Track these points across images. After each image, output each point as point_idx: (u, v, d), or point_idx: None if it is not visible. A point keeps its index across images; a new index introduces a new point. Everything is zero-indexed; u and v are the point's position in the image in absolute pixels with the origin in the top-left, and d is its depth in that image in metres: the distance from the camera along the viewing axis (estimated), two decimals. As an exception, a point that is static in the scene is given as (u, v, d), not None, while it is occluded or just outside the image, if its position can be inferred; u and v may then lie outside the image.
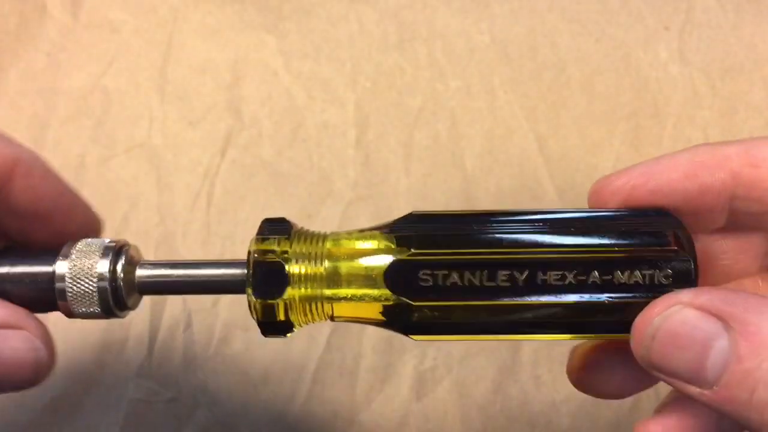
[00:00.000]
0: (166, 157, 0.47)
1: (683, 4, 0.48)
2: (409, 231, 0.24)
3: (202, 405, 0.43)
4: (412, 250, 0.23)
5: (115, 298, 0.25)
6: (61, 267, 0.25)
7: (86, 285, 0.25)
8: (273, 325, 0.25)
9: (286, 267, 0.24)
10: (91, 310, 0.26)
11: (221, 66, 0.48)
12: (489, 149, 0.46)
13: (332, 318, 0.25)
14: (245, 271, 0.24)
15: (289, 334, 0.25)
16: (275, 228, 0.25)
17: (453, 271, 0.23)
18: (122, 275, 0.25)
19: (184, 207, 0.45)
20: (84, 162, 0.46)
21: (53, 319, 0.44)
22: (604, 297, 0.23)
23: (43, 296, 0.26)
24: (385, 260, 0.24)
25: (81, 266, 0.25)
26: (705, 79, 0.47)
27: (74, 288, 0.25)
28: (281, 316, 0.24)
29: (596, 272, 0.23)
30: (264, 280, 0.24)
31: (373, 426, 0.43)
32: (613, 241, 0.23)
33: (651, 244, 0.23)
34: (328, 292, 0.24)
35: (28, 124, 0.47)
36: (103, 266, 0.25)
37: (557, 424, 0.43)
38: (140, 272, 0.26)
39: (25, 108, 0.48)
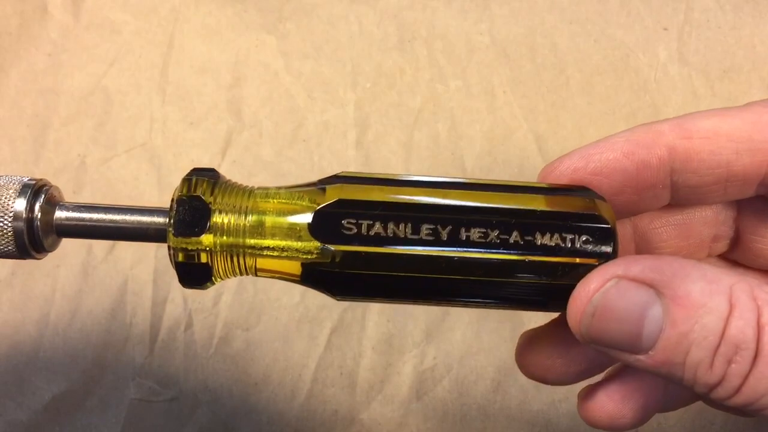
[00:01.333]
0: (166, 158, 0.47)
1: (682, 5, 0.49)
2: (337, 184, 0.24)
3: (202, 404, 0.43)
4: (337, 199, 0.23)
5: (30, 238, 0.24)
6: None
7: (1, 223, 0.24)
8: (191, 270, 0.24)
9: (211, 209, 0.24)
10: (6, 249, 0.24)
11: (222, 66, 0.48)
12: (489, 149, 0.47)
13: (256, 272, 0.24)
14: (167, 219, 0.24)
15: (208, 285, 0.25)
16: (203, 174, 0.25)
17: (377, 222, 0.23)
18: (39, 215, 0.24)
19: (185, 207, 0.46)
20: (85, 162, 0.46)
21: (53, 320, 0.44)
22: (525, 256, 0.23)
23: None
24: (310, 211, 0.24)
25: None
26: (704, 80, 0.47)
27: None
28: (202, 260, 0.24)
29: (517, 232, 0.23)
30: (185, 218, 0.23)
31: (373, 425, 0.43)
32: (535, 205, 0.24)
33: (572, 210, 0.24)
34: (250, 241, 0.24)
35: (29, 124, 0.47)
36: (19, 205, 0.24)
37: (557, 423, 0.43)
38: (59, 214, 0.25)
39: (26, 108, 0.48)
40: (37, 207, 0.24)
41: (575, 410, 0.43)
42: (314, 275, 0.24)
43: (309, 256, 0.23)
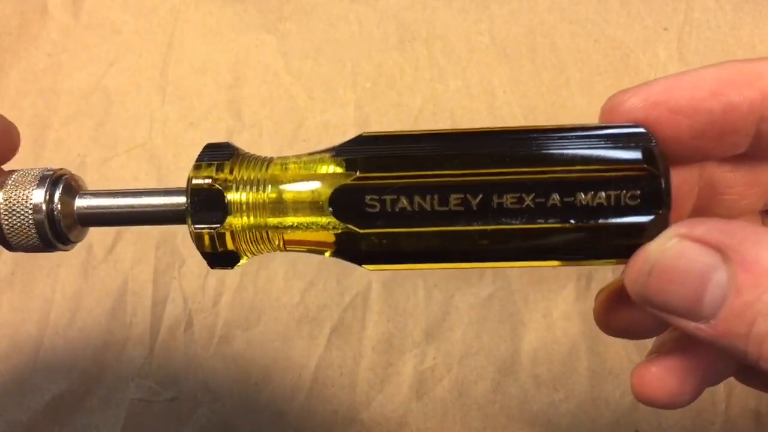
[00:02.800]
0: (166, 158, 0.47)
1: (682, 5, 0.49)
2: (357, 153, 0.22)
3: (202, 404, 0.43)
4: (357, 174, 0.22)
5: (53, 230, 0.24)
6: None
7: (21, 217, 0.24)
8: (218, 256, 0.23)
9: (226, 194, 0.23)
10: (30, 243, 0.24)
11: (222, 66, 0.48)
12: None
13: (284, 247, 0.23)
14: (185, 200, 0.23)
15: (237, 266, 0.24)
16: (216, 153, 0.23)
17: (402, 196, 0.21)
18: (59, 206, 0.24)
19: (185, 207, 0.46)
20: (85, 162, 0.46)
21: (53, 320, 0.44)
22: (566, 221, 0.21)
23: None
24: (331, 185, 0.22)
25: (16, 197, 0.24)
26: (704, 80, 0.47)
27: (10, 221, 0.24)
28: (227, 246, 0.23)
29: (556, 194, 0.21)
30: (202, 208, 0.23)
31: (373, 425, 0.43)
32: (575, 160, 0.21)
33: (616, 162, 0.21)
34: (273, 220, 0.23)
35: (29, 124, 0.47)
36: (38, 197, 0.24)
37: (557, 423, 0.43)
38: (79, 203, 0.24)
39: (26, 108, 0.48)
40: (56, 197, 0.24)
41: (575, 410, 0.43)
42: (343, 248, 0.23)
43: (336, 230, 0.22)
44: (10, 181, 0.24)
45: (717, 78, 0.23)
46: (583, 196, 0.21)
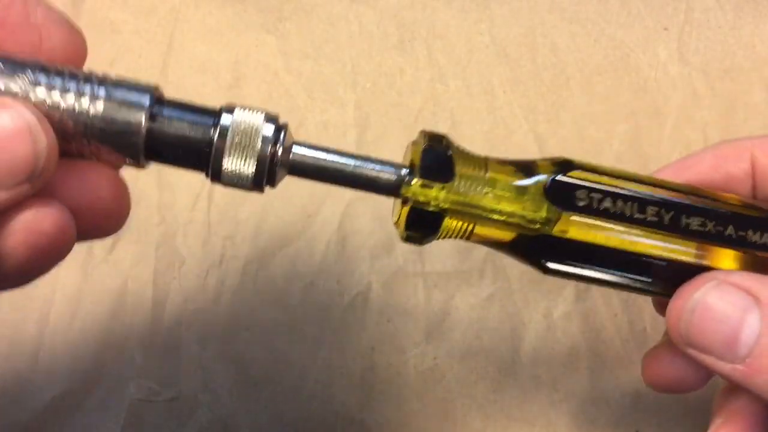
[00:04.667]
0: (166, 158, 0.47)
1: (682, 5, 0.49)
2: (573, 160, 0.26)
3: (202, 405, 0.43)
4: (574, 173, 0.26)
5: (270, 166, 0.24)
6: (226, 119, 0.24)
7: (249, 146, 0.23)
8: (425, 217, 0.25)
9: (455, 162, 0.25)
10: (243, 176, 0.24)
11: (222, 66, 0.48)
12: (489, 149, 0.46)
13: (470, 236, 0.26)
14: (401, 174, 0.25)
15: (430, 239, 0.25)
16: (439, 136, 0.26)
17: (607, 197, 0.25)
18: (282, 146, 0.24)
19: (185, 207, 0.46)
20: (85, 162, 0.46)
21: (53, 319, 0.44)
22: (739, 250, 0.26)
23: (200, 145, 0.24)
24: (546, 180, 0.26)
25: (247, 122, 0.24)
26: (704, 80, 0.47)
27: (236, 148, 0.23)
28: (440, 206, 0.25)
29: (732, 227, 0.26)
30: (431, 165, 0.25)
31: (373, 425, 0.43)
32: (749, 209, 0.27)
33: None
34: (483, 202, 0.25)
35: (28, 124, 0.47)
36: (268, 130, 0.24)
37: (557, 423, 0.43)
38: (297, 150, 0.24)
39: (25, 108, 0.48)
40: (281, 137, 0.24)
41: (575, 410, 0.43)
42: (535, 241, 0.25)
43: (532, 225, 0.25)
44: (237, 108, 0.24)
45: (715, 155, 0.29)
46: (752, 233, 0.26)
